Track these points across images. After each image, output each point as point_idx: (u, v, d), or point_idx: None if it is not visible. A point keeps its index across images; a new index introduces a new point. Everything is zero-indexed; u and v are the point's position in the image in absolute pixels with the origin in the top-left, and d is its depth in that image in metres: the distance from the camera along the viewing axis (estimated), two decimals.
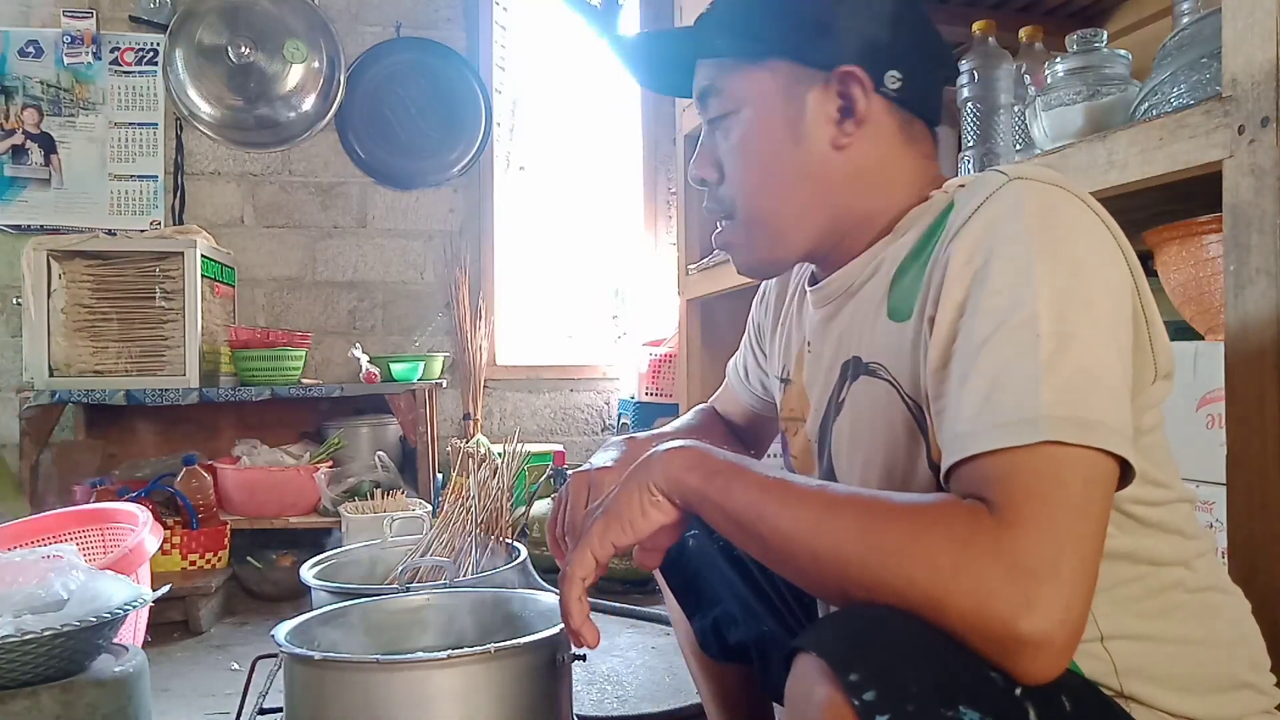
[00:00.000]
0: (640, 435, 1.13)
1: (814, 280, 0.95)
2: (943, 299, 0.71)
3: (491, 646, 1.19)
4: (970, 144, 1.58)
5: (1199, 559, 0.76)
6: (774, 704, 1.25)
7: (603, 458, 1.08)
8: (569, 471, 2.92)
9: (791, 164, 0.85)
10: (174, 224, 3.26)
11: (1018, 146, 1.53)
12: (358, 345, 3.17)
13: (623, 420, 3.36)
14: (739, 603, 1.13)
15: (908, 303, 0.78)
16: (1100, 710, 0.68)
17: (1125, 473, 0.65)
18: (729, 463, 0.74)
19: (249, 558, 2.71)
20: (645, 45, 0.98)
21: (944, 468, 0.67)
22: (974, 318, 0.68)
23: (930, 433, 0.74)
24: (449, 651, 1.18)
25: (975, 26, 1.57)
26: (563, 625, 0.87)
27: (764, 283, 1.14)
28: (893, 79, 0.83)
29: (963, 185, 0.81)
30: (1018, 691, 0.60)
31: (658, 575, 1.22)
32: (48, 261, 2.79)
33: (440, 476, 3.00)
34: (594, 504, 0.94)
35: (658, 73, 0.99)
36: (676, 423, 1.26)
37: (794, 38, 0.84)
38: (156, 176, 3.30)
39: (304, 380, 3.06)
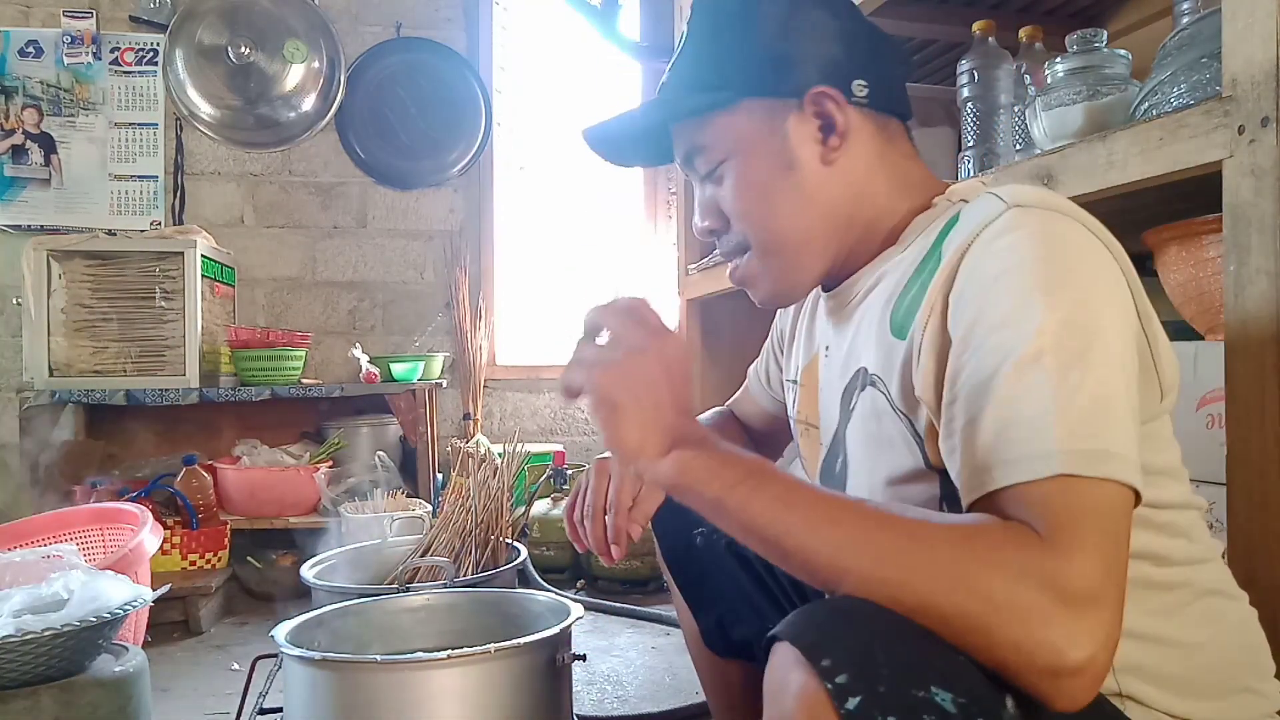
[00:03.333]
0: None
1: (826, 286, 0.97)
2: (941, 326, 0.73)
3: (491, 646, 1.19)
4: (970, 144, 1.58)
5: (1205, 563, 0.77)
6: None
7: None
8: (569, 471, 2.93)
9: (790, 190, 0.88)
10: (174, 224, 3.26)
11: (1018, 146, 1.53)
12: (358, 345, 3.17)
13: None
14: (744, 600, 1.15)
15: (906, 321, 0.79)
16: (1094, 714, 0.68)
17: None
18: (749, 471, 0.70)
19: (249, 558, 2.71)
20: (616, 128, 0.99)
21: (967, 500, 0.67)
22: (980, 354, 0.68)
23: (925, 441, 0.77)
24: (449, 651, 1.18)
25: (975, 26, 1.57)
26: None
27: (784, 310, 1.15)
28: (860, 87, 0.87)
29: (965, 201, 0.82)
30: (991, 676, 0.61)
31: (664, 571, 1.23)
32: (48, 261, 2.79)
33: (440, 476, 3.00)
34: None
35: (631, 150, 1.02)
36: (705, 417, 1.27)
37: (758, 76, 0.87)
38: (156, 176, 3.30)
39: (304, 380, 3.06)
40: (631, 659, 2.09)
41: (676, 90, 0.93)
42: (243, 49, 3.23)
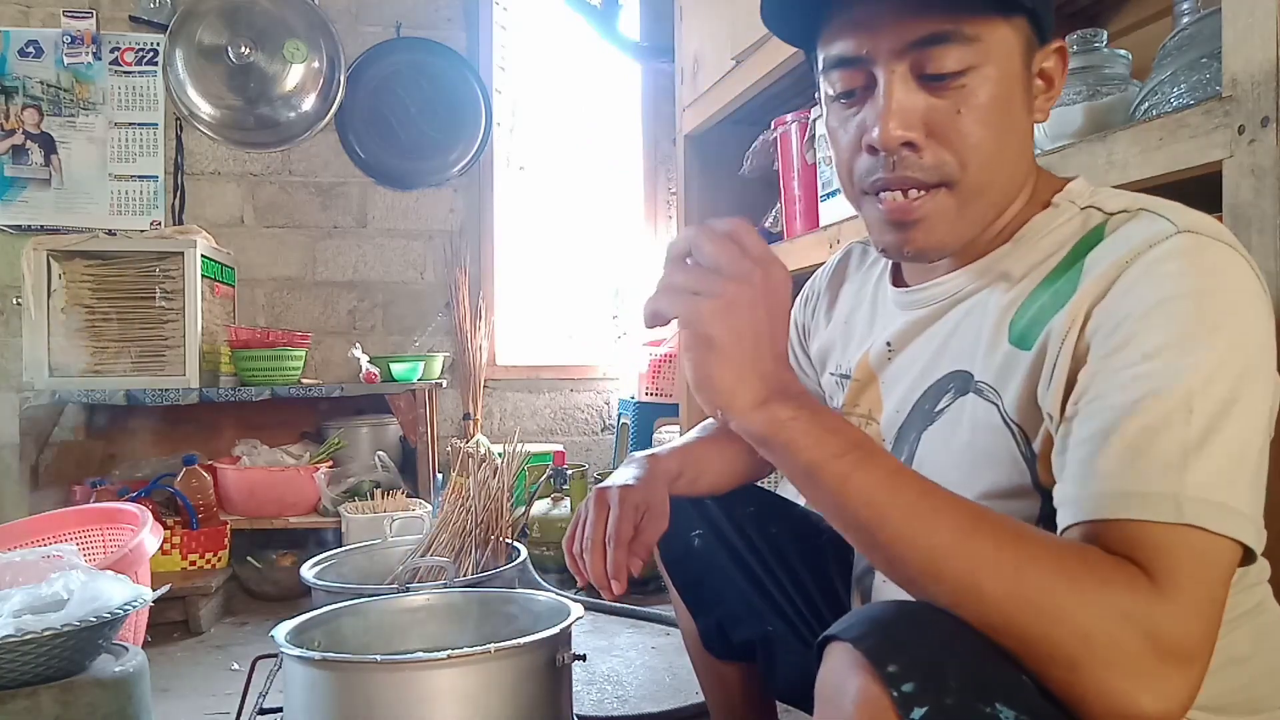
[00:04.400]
0: (662, 452, 1.13)
1: (896, 279, 0.92)
2: (1079, 339, 0.68)
3: (491, 646, 1.19)
4: None
5: (1257, 585, 0.76)
6: (777, 702, 1.26)
7: (624, 474, 1.06)
8: (569, 471, 2.92)
9: (1022, 133, 0.79)
10: (174, 224, 3.26)
11: None
12: (358, 345, 3.17)
13: (622, 420, 3.36)
14: (743, 602, 1.14)
15: (1032, 331, 0.74)
16: None
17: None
18: (853, 443, 0.63)
19: (249, 558, 2.71)
20: None
21: (1073, 517, 0.64)
22: (1123, 377, 0.64)
23: (1039, 459, 0.73)
24: (449, 651, 1.18)
25: None
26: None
27: (809, 285, 1.12)
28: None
29: (1097, 209, 0.77)
30: (1038, 701, 0.60)
31: (663, 573, 1.22)
32: (48, 261, 2.79)
33: (440, 476, 3.00)
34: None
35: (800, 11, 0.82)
36: (705, 425, 1.25)
37: (1039, 1, 0.77)
38: (156, 176, 3.30)
39: (304, 380, 3.06)
40: (631, 659, 2.09)
41: None
42: (243, 49, 3.23)
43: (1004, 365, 0.76)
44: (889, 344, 0.91)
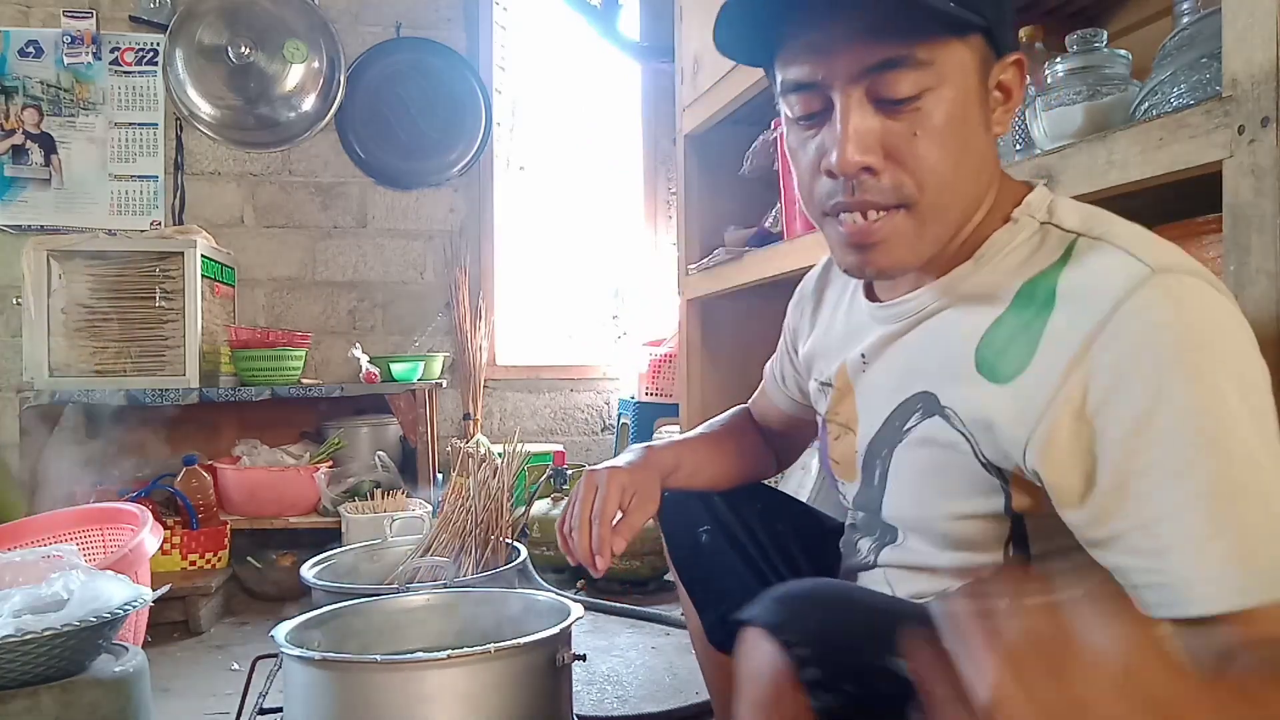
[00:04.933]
0: (659, 445, 1.14)
1: (869, 293, 0.92)
2: (1080, 406, 0.67)
3: (491, 646, 1.19)
4: None
5: None
6: None
7: (617, 459, 1.09)
8: (569, 471, 2.92)
9: (979, 151, 0.78)
10: (174, 224, 3.26)
11: (1017, 146, 1.52)
12: (358, 345, 3.17)
13: (623, 420, 3.36)
14: (749, 597, 1.14)
15: (1007, 366, 0.73)
16: None
17: None
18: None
19: (249, 558, 2.71)
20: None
21: (1179, 613, 0.62)
22: (1171, 452, 0.64)
23: (1012, 485, 0.74)
24: (449, 651, 1.18)
25: None
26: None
27: (800, 287, 1.13)
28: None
29: (1061, 227, 0.76)
30: None
31: (671, 568, 1.23)
32: (48, 261, 2.79)
33: (440, 476, 3.00)
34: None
35: (755, 42, 0.82)
36: (710, 424, 1.26)
37: (1000, 15, 0.76)
38: (156, 176, 3.30)
39: (304, 380, 3.06)
40: (631, 659, 2.09)
41: None
42: (243, 49, 3.23)
43: (972, 395, 0.76)
44: (863, 355, 0.92)
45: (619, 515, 1.02)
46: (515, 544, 1.99)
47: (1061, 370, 0.69)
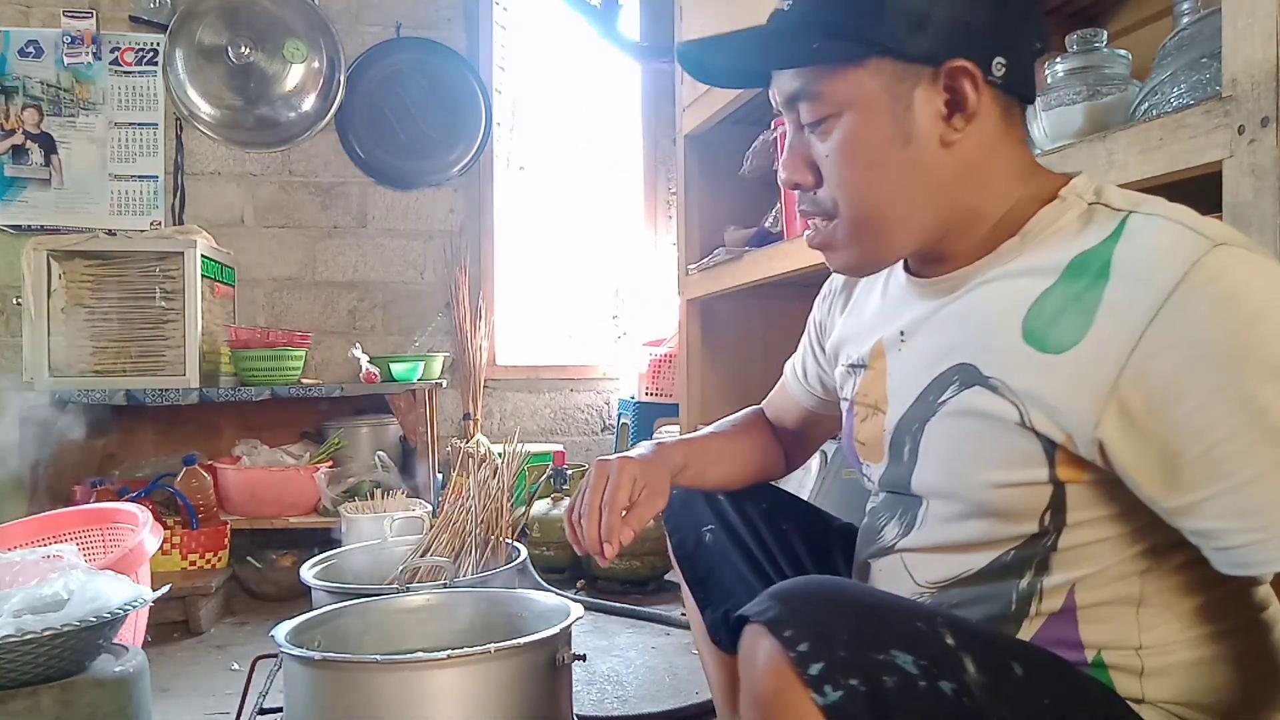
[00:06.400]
0: (670, 442, 1.14)
1: (909, 269, 0.93)
2: (1180, 381, 0.68)
3: (491, 646, 1.19)
4: None
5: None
6: None
7: (629, 451, 1.10)
8: (569, 471, 2.93)
9: (900, 165, 0.82)
10: (174, 224, 3.26)
11: None
12: (358, 345, 3.17)
13: (623, 420, 3.36)
14: (752, 596, 1.14)
15: (1060, 337, 0.74)
16: (1060, 682, 0.71)
17: None
18: None
19: (249, 558, 2.71)
20: (714, 50, 0.91)
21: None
22: (1255, 418, 0.66)
23: (1058, 454, 0.74)
24: (449, 651, 1.18)
25: None
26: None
27: (828, 283, 1.13)
28: (999, 65, 0.80)
29: (1111, 206, 0.77)
30: (950, 641, 0.68)
31: (675, 567, 1.24)
32: (48, 261, 2.79)
33: (440, 476, 3.00)
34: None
35: (723, 72, 0.95)
36: (721, 423, 1.25)
37: (896, 34, 0.79)
38: (156, 176, 3.30)
39: (304, 380, 3.06)
40: (631, 659, 2.09)
41: (801, 29, 0.83)
42: (243, 49, 3.23)
43: (1020, 365, 0.76)
44: (902, 332, 0.92)
45: (628, 506, 1.02)
46: (515, 544, 1.99)
47: (1127, 342, 0.70)
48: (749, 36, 0.87)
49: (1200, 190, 1.02)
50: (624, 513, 1.00)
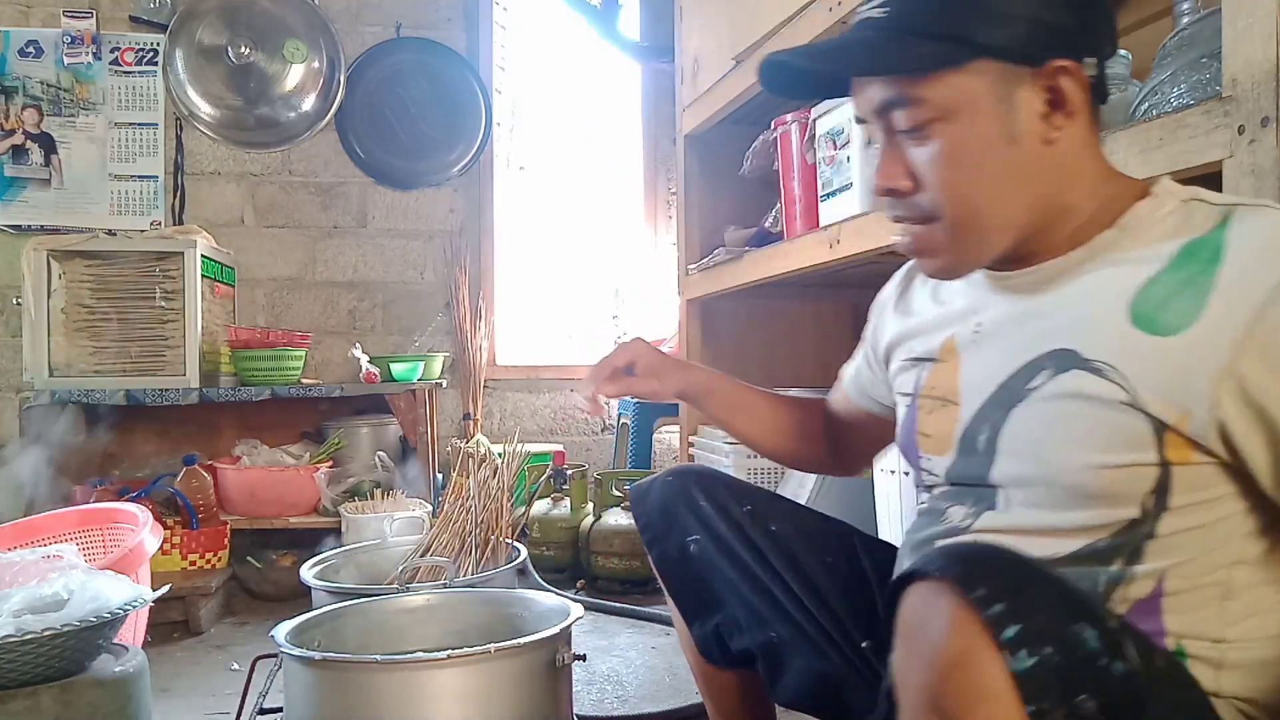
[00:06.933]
0: (701, 367, 1.25)
1: (991, 265, 0.93)
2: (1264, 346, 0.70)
3: (491, 646, 1.19)
4: None
5: None
6: (778, 707, 1.24)
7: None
8: (569, 471, 2.92)
9: (1004, 165, 0.83)
10: (174, 224, 3.26)
11: None
12: (358, 345, 3.17)
13: (623, 420, 3.36)
14: (744, 608, 1.11)
15: (1173, 319, 0.75)
16: (1178, 678, 0.72)
17: None
18: None
19: (249, 558, 2.71)
20: (805, 58, 0.90)
21: None
22: None
23: (1167, 435, 0.74)
24: (449, 651, 1.18)
25: None
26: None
27: (882, 291, 1.12)
28: (1090, 65, 0.82)
29: (1210, 202, 0.79)
30: (1113, 624, 0.66)
31: (659, 580, 1.20)
32: (48, 261, 2.79)
33: (440, 476, 3.00)
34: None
35: (807, 83, 0.95)
36: (779, 392, 1.27)
37: (999, 37, 0.80)
38: (156, 176, 3.30)
39: (304, 380, 3.06)
40: (631, 659, 2.09)
41: (900, 35, 0.83)
42: (243, 49, 3.23)
43: (1130, 347, 0.77)
44: (978, 327, 0.92)
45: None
46: (515, 544, 1.99)
47: (1244, 321, 0.71)
48: (843, 45, 0.88)
49: None
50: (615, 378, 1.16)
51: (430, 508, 2.69)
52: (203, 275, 2.88)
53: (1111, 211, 0.83)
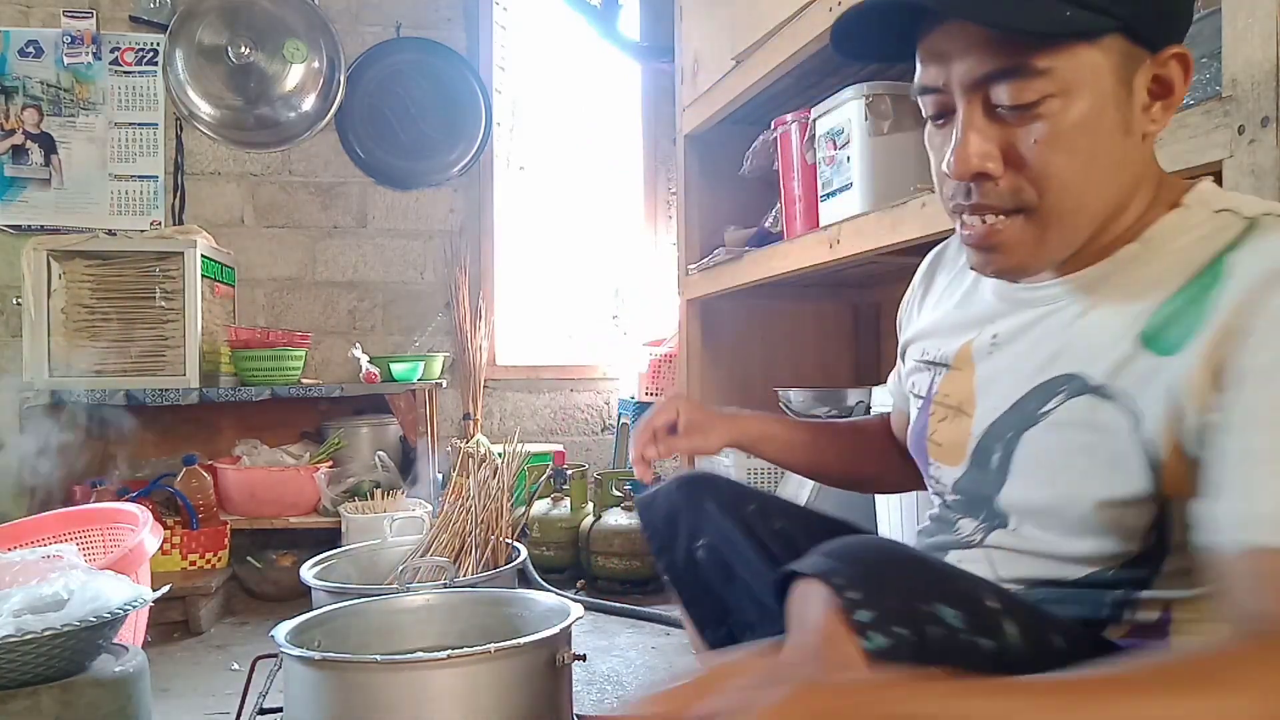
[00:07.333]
0: (748, 413, 1.20)
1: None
2: (1244, 355, 0.67)
3: (491, 646, 1.19)
4: None
5: None
6: None
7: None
8: (569, 471, 2.92)
9: (1115, 155, 0.75)
10: (174, 224, 3.26)
11: None
12: (358, 345, 3.17)
13: (623, 420, 3.36)
14: (757, 607, 1.10)
15: (1174, 338, 0.72)
16: (1097, 652, 0.70)
17: None
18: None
19: (249, 558, 2.71)
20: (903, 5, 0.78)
21: (1222, 540, 0.64)
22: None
23: (1164, 467, 0.72)
24: (449, 651, 1.18)
25: None
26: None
27: (905, 301, 1.10)
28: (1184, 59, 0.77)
29: (1240, 213, 0.75)
30: (992, 604, 0.69)
31: (669, 586, 1.19)
32: (48, 261, 2.79)
33: (440, 476, 3.00)
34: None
35: (876, 40, 0.83)
36: (841, 419, 1.24)
37: (1139, 14, 0.73)
38: (156, 176, 3.30)
39: (304, 380, 3.06)
40: (631, 659, 2.09)
41: None
42: (243, 49, 3.23)
43: (1139, 371, 0.74)
44: (994, 337, 0.89)
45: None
46: (515, 544, 1.99)
47: (1223, 319, 0.69)
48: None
49: None
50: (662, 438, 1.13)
51: (430, 508, 2.69)
52: (203, 275, 2.88)
53: (1142, 221, 0.79)
